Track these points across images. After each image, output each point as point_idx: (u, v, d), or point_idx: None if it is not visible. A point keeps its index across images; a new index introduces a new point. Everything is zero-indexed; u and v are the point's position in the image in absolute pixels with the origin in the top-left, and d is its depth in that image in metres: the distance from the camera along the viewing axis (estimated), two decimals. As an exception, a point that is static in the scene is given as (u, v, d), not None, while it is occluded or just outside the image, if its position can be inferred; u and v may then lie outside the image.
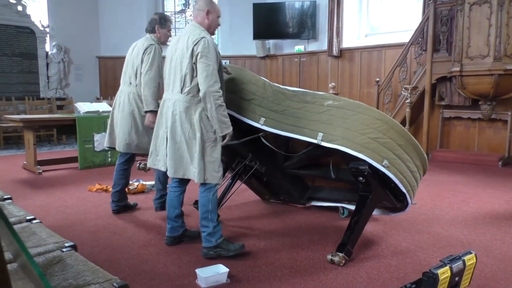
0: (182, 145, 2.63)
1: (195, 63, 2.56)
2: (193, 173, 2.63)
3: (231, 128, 2.61)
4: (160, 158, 2.78)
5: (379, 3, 8.63)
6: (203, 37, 2.57)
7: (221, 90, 2.55)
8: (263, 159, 3.28)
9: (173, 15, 10.83)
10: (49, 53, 9.56)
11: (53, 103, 9.15)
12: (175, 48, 2.69)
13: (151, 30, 3.75)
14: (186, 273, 2.45)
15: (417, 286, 1.93)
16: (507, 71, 5.72)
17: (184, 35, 2.66)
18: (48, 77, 9.59)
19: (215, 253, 2.64)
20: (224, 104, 2.57)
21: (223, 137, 2.63)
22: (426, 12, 6.86)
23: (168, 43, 3.97)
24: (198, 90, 2.57)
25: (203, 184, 2.65)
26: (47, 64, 9.54)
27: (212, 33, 2.76)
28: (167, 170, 2.72)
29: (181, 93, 2.62)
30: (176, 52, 2.68)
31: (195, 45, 2.55)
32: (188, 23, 10.82)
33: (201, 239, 2.71)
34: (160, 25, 3.70)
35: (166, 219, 2.91)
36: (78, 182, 4.90)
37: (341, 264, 2.53)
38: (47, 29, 9.42)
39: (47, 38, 9.49)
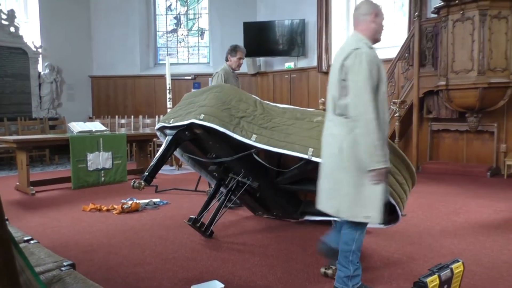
0: (326, 173, 2.30)
1: (344, 80, 2.19)
2: (331, 206, 2.27)
3: (385, 165, 2.11)
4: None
5: (366, 20, 8.84)
6: (355, 48, 2.17)
7: (373, 113, 2.09)
8: (256, 175, 3.34)
9: (165, 35, 10.98)
10: (42, 73, 9.61)
11: (45, 123, 9.16)
12: (334, 64, 2.32)
13: (225, 58, 4.50)
14: (182, 289, 2.48)
15: (408, 295, 1.99)
16: (491, 84, 5.89)
17: (341, 48, 2.32)
18: (40, 97, 9.61)
19: None
20: (376, 131, 2.09)
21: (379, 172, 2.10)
22: (411, 29, 7.06)
23: (238, 69, 4.62)
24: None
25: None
26: (40, 84, 9.58)
27: (378, 40, 2.35)
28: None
29: (334, 114, 2.27)
30: (332, 69, 2.33)
31: (345, 58, 2.19)
32: (179, 42, 10.99)
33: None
34: (230, 54, 4.46)
35: None
36: (71, 202, 4.91)
37: (335, 277, 2.57)
38: (40, 50, 9.49)
39: (40, 59, 9.55)
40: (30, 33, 9.46)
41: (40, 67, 9.61)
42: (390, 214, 2.91)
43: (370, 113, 2.09)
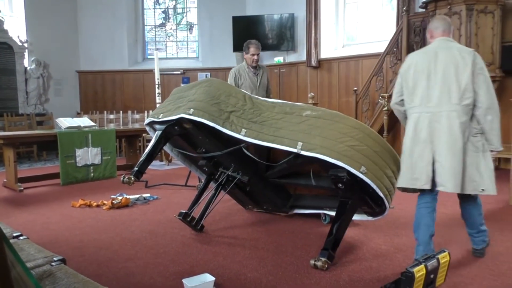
0: (459, 157, 2.52)
1: (472, 75, 2.52)
2: (476, 186, 2.57)
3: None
4: (418, 176, 2.63)
5: (355, 14, 8.89)
6: (474, 50, 2.60)
7: (498, 103, 2.58)
8: (246, 169, 3.35)
9: (153, 29, 10.90)
10: (28, 68, 9.48)
11: (32, 119, 9.05)
12: (435, 61, 2.60)
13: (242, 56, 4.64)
14: (173, 283, 2.49)
15: (396, 285, 2.03)
16: (477, 78, 5.96)
17: (445, 49, 2.61)
18: (27, 92, 9.48)
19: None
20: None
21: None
22: (399, 23, 7.11)
23: (253, 64, 4.55)
24: (473, 101, 2.53)
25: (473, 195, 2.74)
26: (26, 79, 9.44)
27: None
28: (430, 187, 2.62)
29: (459, 104, 2.52)
30: (439, 65, 2.58)
31: (473, 57, 2.53)
32: (168, 36, 10.91)
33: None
34: (244, 51, 4.53)
35: (417, 241, 2.73)
36: (61, 198, 4.88)
37: (324, 269, 2.61)
38: (26, 44, 9.34)
39: (26, 54, 9.41)
40: (16, 27, 9.29)
41: (26, 62, 9.46)
42: (378, 206, 2.96)
43: (497, 102, 2.55)
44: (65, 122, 6.05)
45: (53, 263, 1.69)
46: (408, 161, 2.68)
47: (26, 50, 9.40)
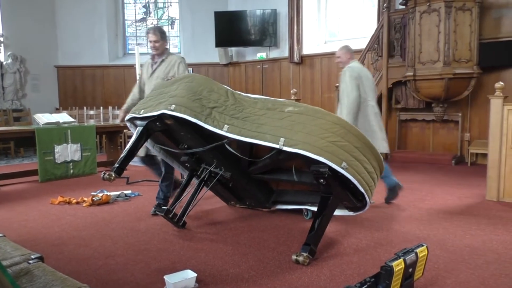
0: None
1: None
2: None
3: None
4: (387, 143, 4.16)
5: (337, 11, 8.94)
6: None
7: None
8: (228, 165, 3.35)
9: (134, 24, 10.74)
10: (4, 63, 9.23)
11: (9, 115, 8.82)
12: (367, 74, 4.18)
13: None
14: (155, 280, 2.47)
15: (376, 279, 2.06)
16: (456, 75, 6.09)
17: (364, 69, 4.31)
18: (3, 88, 9.24)
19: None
20: None
21: None
22: (380, 20, 7.19)
23: (153, 52, 4.09)
24: None
25: None
26: (2, 74, 9.20)
27: None
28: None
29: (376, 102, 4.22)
30: (369, 77, 4.20)
31: None
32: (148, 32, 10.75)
33: None
34: None
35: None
36: (39, 195, 4.78)
37: (306, 264, 2.63)
38: (1, 39, 9.10)
39: (1, 48, 9.16)
40: (-9, 20, 9.04)
41: (2, 57, 9.21)
42: (359, 201, 2.99)
43: None
44: (43, 118, 5.92)
45: (31, 261, 1.66)
46: (382, 134, 4.08)
47: (2, 45, 9.15)
